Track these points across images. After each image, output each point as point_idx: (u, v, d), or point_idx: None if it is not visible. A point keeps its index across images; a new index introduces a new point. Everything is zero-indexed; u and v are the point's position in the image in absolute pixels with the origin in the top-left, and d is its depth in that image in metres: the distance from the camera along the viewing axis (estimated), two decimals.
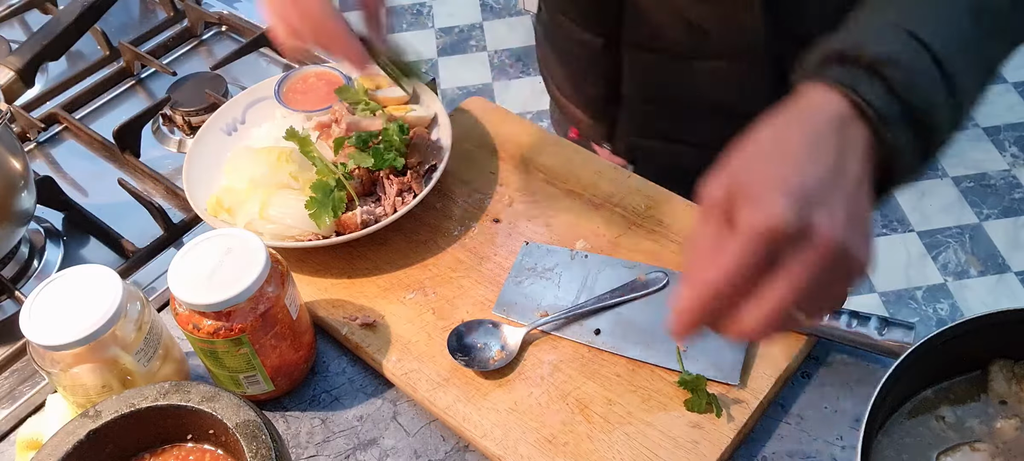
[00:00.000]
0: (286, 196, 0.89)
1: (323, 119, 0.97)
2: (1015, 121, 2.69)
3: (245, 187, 0.91)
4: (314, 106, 1.01)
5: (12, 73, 1.02)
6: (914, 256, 2.38)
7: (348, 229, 0.88)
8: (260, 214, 0.88)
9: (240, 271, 0.73)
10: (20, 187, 0.92)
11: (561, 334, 0.81)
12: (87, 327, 0.71)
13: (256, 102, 1.04)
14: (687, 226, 0.89)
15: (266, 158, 0.91)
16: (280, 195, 0.89)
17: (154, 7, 1.36)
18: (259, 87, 1.04)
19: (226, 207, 0.91)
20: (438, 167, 0.92)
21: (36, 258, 1.00)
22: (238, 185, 0.91)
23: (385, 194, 0.91)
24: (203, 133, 1.00)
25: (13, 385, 0.87)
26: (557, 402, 0.77)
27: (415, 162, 0.93)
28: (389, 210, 0.90)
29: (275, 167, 0.91)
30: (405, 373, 0.80)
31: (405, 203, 0.90)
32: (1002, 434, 0.65)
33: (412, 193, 0.91)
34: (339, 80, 1.03)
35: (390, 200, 0.90)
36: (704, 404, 0.74)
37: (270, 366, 0.78)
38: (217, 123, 1.01)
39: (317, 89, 1.03)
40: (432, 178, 0.92)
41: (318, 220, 0.86)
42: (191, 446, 0.69)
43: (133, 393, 0.67)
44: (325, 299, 0.87)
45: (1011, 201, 2.49)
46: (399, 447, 0.78)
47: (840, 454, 0.73)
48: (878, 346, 0.75)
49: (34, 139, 1.15)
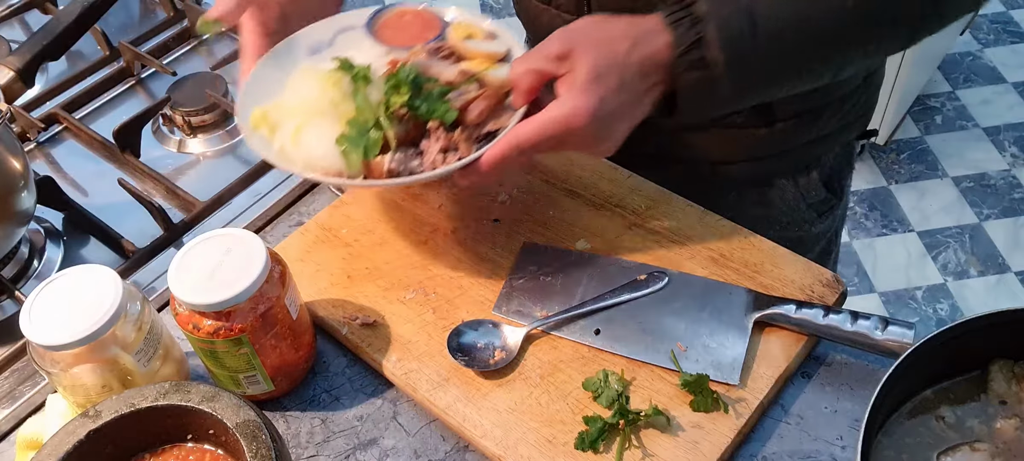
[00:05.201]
0: (324, 125, 0.81)
1: (400, 57, 0.87)
2: (1015, 121, 2.69)
3: (294, 107, 0.83)
4: (404, 43, 0.91)
5: (12, 73, 1.02)
6: (914, 256, 2.38)
7: (374, 175, 0.79)
8: (293, 138, 0.81)
9: (240, 271, 0.73)
10: (20, 187, 0.92)
11: (561, 334, 0.81)
12: (87, 327, 0.71)
13: (347, 30, 0.93)
14: (687, 226, 0.89)
15: (320, 81, 0.83)
16: (319, 123, 0.81)
17: (154, 7, 1.36)
18: (351, 15, 0.94)
19: (270, 122, 0.83)
20: (497, 134, 0.79)
21: (36, 258, 1.00)
22: (290, 103, 0.84)
23: (428, 148, 0.80)
24: (280, 49, 0.89)
25: (13, 385, 0.87)
26: (557, 402, 0.77)
27: (473, 120, 0.81)
28: (427, 166, 0.79)
29: (322, 93, 0.82)
30: (405, 373, 0.80)
31: (446, 163, 0.78)
32: (1002, 434, 0.65)
33: (457, 155, 0.79)
34: (436, 22, 0.93)
35: (430, 155, 0.79)
36: (710, 403, 0.74)
37: (270, 366, 0.78)
38: (302, 41, 0.91)
39: (411, 28, 0.93)
40: (486, 145, 0.79)
41: (347, 158, 0.78)
42: (191, 446, 0.70)
43: (133, 393, 0.67)
44: (325, 299, 0.87)
45: (1011, 201, 2.49)
46: (399, 447, 0.78)
47: (840, 454, 0.73)
48: (878, 346, 0.75)
49: (34, 139, 1.15)
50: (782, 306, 0.78)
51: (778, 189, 1.07)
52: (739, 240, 0.86)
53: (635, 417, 0.73)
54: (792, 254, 0.85)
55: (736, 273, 0.84)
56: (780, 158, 1.04)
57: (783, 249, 0.85)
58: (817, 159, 1.07)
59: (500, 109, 0.82)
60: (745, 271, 0.84)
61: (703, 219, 0.89)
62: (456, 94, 0.81)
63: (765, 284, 0.82)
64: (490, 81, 0.83)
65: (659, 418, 0.73)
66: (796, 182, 1.07)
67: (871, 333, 0.75)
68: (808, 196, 1.09)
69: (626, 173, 0.95)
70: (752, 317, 0.79)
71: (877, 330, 0.75)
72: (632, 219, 0.90)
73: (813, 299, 0.81)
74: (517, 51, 0.86)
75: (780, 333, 0.79)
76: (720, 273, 0.84)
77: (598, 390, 0.76)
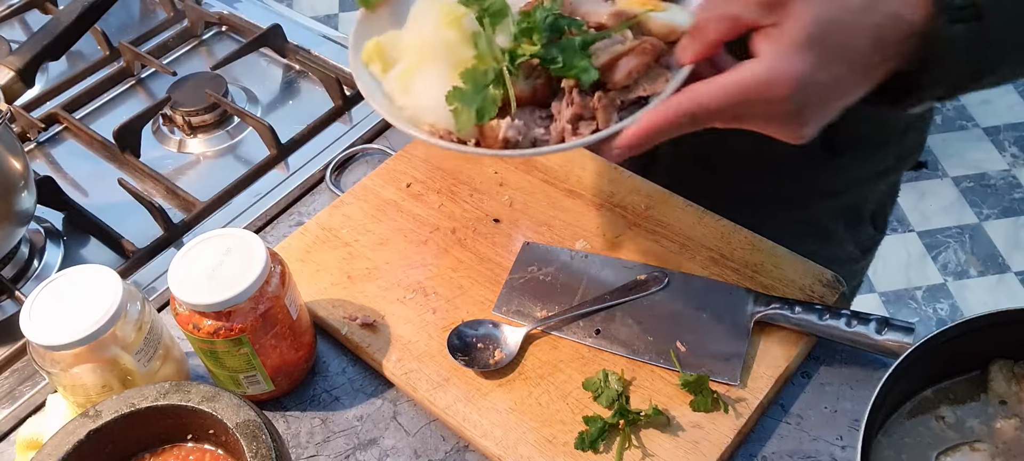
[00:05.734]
0: (439, 71, 0.68)
1: None
2: (1015, 121, 2.69)
3: (412, 43, 0.70)
4: None
5: (12, 73, 1.01)
6: (914, 256, 2.38)
7: (487, 142, 0.65)
8: (401, 83, 0.69)
9: (240, 271, 0.73)
10: (20, 187, 0.92)
11: (561, 334, 0.81)
12: (87, 327, 0.71)
13: None
14: (687, 226, 0.89)
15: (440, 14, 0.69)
16: (433, 68, 0.68)
17: (154, 7, 1.36)
18: None
19: (384, 58, 0.72)
20: (652, 100, 0.65)
21: (36, 258, 1.00)
22: (408, 37, 0.71)
23: (559, 113, 0.66)
24: None
25: (13, 385, 0.87)
26: (557, 402, 0.77)
27: (619, 81, 0.65)
28: (555, 137, 0.66)
29: (438, 30, 0.68)
30: (405, 373, 0.80)
31: (578, 135, 0.65)
32: (1002, 434, 0.65)
33: (593, 125, 0.65)
34: None
35: (560, 124, 0.65)
36: (709, 403, 0.74)
37: (270, 366, 0.78)
38: None
39: None
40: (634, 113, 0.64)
41: (458, 117, 0.65)
42: (191, 446, 0.69)
43: (133, 393, 0.67)
44: (325, 299, 0.87)
45: (1011, 201, 2.49)
46: (399, 447, 0.78)
47: (840, 454, 0.73)
48: (878, 346, 0.75)
49: (34, 139, 1.15)
50: (782, 306, 0.78)
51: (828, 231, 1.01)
52: (739, 240, 0.86)
53: (635, 417, 0.73)
54: (792, 254, 0.85)
55: (736, 273, 0.84)
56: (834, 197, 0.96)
57: (783, 249, 0.85)
58: (866, 196, 1.00)
59: (656, 69, 0.67)
60: (745, 271, 0.84)
61: (703, 219, 0.89)
62: (604, 44, 0.66)
63: (765, 284, 0.82)
64: (653, 28, 0.67)
65: (659, 418, 0.73)
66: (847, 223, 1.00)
67: (871, 333, 0.75)
68: (856, 235, 1.03)
69: (626, 173, 0.95)
70: (752, 317, 0.79)
71: (877, 330, 0.74)
72: (632, 219, 0.90)
73: (813, 299, 0.81)
74: None
75: (780, 333, 0.79)
76: (720, 273, 0.84)
77: (598, 390, 0.76)
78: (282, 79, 1.22)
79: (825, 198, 0.98)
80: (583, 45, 0.65)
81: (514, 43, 0.66)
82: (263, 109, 1.18)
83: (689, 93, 0.59)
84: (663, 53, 0.66)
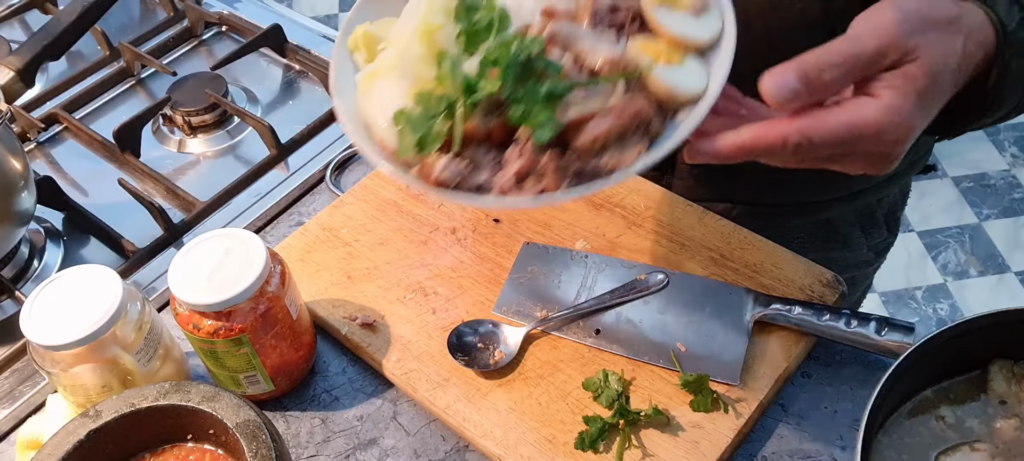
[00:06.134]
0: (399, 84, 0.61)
1: (561, 5, 0.61)
2: (1015, 121, 2.68)
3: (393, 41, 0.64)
4: None
5: (12, 73, 1.02)
6: (914, 256, 2.38)
7: (423, 176, 0.58)
8: (363, 86, 0.64)
9: (240, 271, 0.73)
10: (20, 187, 0.92)
11: (561, 334, 0.81)
12: (87, 327, 0.71)
13: None
14: (687, 226, 0.88)
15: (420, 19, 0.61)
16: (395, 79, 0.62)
17: (154, 7, 1.36)
18: None
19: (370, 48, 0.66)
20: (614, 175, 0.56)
21: (36, 258, 1.00)
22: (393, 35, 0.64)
23: (507, 163, 0.57)
24: None
25: (13, 385, 0.87)
26: (557, 402, 0.77)
27: (584, 145, 0.56)
28: (496, 188, 0.57)
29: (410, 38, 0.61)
30: (405, 373, 0.80)
31: (521, 191, 0.56)
32: (1002, 434, 0.65)
33: (540, 186, 0.56)
34: None
35: (506, 175, 0.57)
36: (709, 403, 0.74)
37: (270, 366, 0.78)
38: None
39: None
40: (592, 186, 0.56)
41: (400, 140, 0.58)
42: (191, 446, 0.70)
43: (133, 393, 0.67)
44: (325, 299, 0.87)
45: (1011, 201, 2.49)
46: (399, 447, 0.78)
47: (840, 454, 0.73)
48: (878, 346, 0.75)
49: (34, 139, 1.15)
50: (782, 306, 0.78)
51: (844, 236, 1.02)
52: (739, 240, 0.86)
53: (635, 417, 0.73)
54: (792, 254, 0.85)
55: (736, 273, 0.84)
56: (849, 200, 0.97)
57: (783, 249, 0.85)
58: (880, 199, 1.02)
59: (633, 138, 0.57)
60: (745, 271, 0.84)
61: (703, 219, 0.89)
62: (584, 94, 0.57)
63: (765, 284, 0.82)
64: (653, 87, 0.58)
65: (659, 418, 0.73)
66: (862, 227, 1.01)
67: (871, 333, 0.75)
68: (870, 238, 1.04)
69: None
70: (752, 317, 0.79)
71: (877, 330, 0.74)
72: (632, 219, 0.90)
73: (813, 299, 0.81)
74: (728, 45, 0.59)
75: (780, 333, 0.79)
76: (720, 273, 0.84)
77: (598, 390, 0.76)
78: (282, 79, 1.22)
79: (843, 202, 0.98)
80: (550, 95, 0.56)
81: (477, 74, 0.57)
82: (263, 109, 1.18)
83: (796, 125, 0.56)
84: (648, 120, 0.57)
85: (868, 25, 0.56)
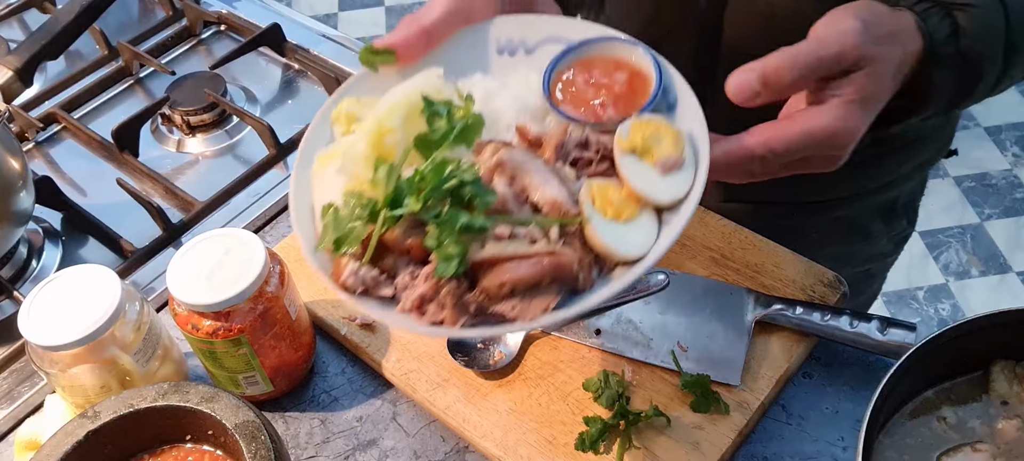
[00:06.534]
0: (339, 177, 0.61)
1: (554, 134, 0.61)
2: (1016, 120, 2.69)
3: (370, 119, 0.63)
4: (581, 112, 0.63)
5: (11, 72, 1.02)
6: (916, 256, 2.38)
7: (334, 275, 0.58)
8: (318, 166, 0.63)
9: (239, 271, 0.73)
10: (18, 187, 0.92)
11: (561, 334, 0.81)
12: (86, 327, 0.71)
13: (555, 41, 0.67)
14: (688, 226, 0.88)
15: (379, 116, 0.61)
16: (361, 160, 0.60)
17: (153, 6, 1.36)
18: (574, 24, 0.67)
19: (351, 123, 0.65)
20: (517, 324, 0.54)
21: (35, 258, 1.00)
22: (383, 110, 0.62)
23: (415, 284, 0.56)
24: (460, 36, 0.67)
25: (12, 385, 0.86)
26: (557, 402, 0.77)
27: (490, 287, 0.55)
28: (400, 306, 0.56)
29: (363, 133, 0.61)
30: (405, 373, 0.80)
31: (421, 315, 0.55)
32: (1003, 435, 0.65)
33: (437, 315, 0.55)
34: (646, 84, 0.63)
35: (410, 295, 0.56)
36: (710, 403, 0.74)
37: (269, 366, 0.78)
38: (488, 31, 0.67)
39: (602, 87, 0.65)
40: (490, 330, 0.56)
41: (323, 234, 0.58)
42: (190, 447, 0.69)
43: (132, 394, 0.67)
44: (325, 299, 0.87)
45: (1012, 201, 2.49)
46: (399, 447, 0.78)
47: (841, 455, 0.73)
48: (879, 346, 0.75)
49: (33, 139, 1.15)
50: (783, 306, 0.78)
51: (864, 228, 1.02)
52: (740, 240, 0.86)
53: (635, 418, 0.73)
54: (793, 254, 0.84)
55: (737, 273, 0.84)
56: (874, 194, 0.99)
57: (784, 249, 0.85)
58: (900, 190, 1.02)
59: (544, 291, 0.54)
60: (746, 271, 0.84)
61: (703, 219, 0.89)
62: (507, 233, 0.56)
63: (766, 284, 0.82)
64: (590, 240, 0.56)
65: (659, 419, 0.73)
66: (883, 219, 1.03)
67: (872, 333, 0.74)
68: (891, 229, 1.05)
69: None
70: (753, 317, 0.78)
71: (878, 331, 0.74)
72: None
73: (814, 299, 0.80)
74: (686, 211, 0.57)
75: (781, 333, 0.78)
76: (721, 273, 0.84)
77: (598, 391, 0.76)
78: (281, 78, 1.22)
79: (866, 196, 0.99)
80: (467, 228, 0.54)
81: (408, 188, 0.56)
82: (262, 108, 1.17)
83: (758, 136, 0.61)
84: (572, 274, 0.54)
85: (830, 31, 0.61)
